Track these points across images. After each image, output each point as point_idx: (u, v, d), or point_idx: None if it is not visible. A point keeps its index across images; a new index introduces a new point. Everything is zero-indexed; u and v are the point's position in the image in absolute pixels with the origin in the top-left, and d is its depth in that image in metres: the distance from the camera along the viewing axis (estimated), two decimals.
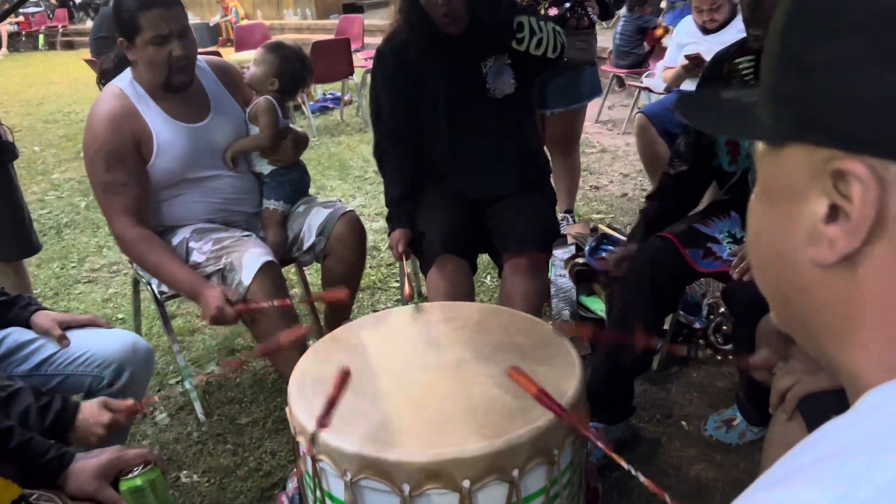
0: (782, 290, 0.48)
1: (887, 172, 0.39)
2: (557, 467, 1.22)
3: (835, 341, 0.44)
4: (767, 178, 0.47)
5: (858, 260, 0.41)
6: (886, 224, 0.39)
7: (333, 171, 4.89)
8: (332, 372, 1.38)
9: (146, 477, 1.20)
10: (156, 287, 2.16)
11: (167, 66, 1.97)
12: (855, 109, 0.39)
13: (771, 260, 0.48)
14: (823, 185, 0.41)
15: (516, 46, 2.00)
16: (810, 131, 0.42)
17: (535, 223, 2.07)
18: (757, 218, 0.49)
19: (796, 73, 0.43)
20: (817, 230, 0.42)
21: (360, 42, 7.86)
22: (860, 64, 0.39)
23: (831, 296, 0.43)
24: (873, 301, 0.41)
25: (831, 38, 0.40)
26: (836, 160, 0.40)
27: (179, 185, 2.10)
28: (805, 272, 0.44)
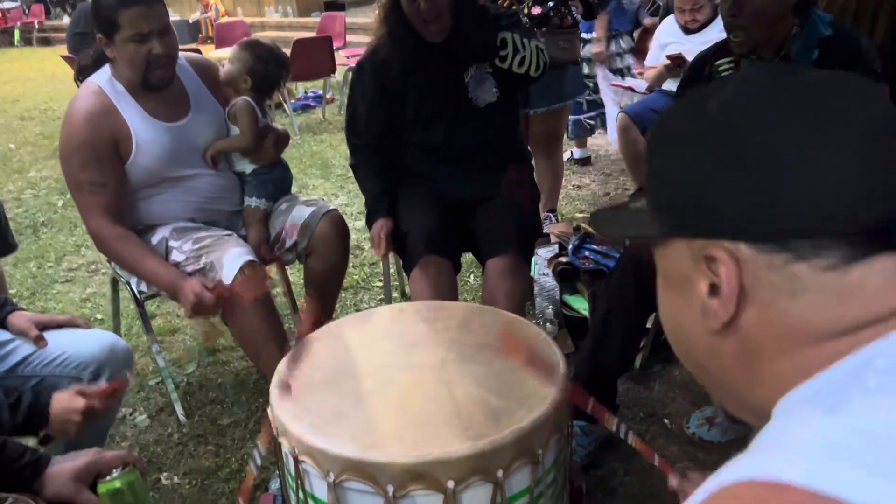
0: (695, 359, 0.59)
1: (739, 252, 0.51)
2: (542, 467, 1.21)
3: (745, 389, 0.55)
4: (664, 269, 0.59)
5: (739, 323, 0.52)
6: (749, 292, 0.51)
7: (315, 170, 4.86)
8: (314, 372, 1.37)
9: (125, 479, 1.18)
10: (135, 286, 2.13)
11: (146, 63, 1.93)
12: (707, 209, 0.52)
13: (680, 335, 0.60)
14: (702, 269, 0.53)
15: (499, 64, 2.01)
16: (683, 230, 0.55)
17: (517, 222, 2.07)
18: (664, 304, 0.61)
19: (664, 186, 0.56)
20: (705, 305, 0.53)
21: (342, 40, 7.82)
22: (703, 176, 0.52)
23: (729, 354, 0.54)
24: (759, 349, 0.52)
25: (682, 158, 0.54)
26: (705, 248, 0.52)
27: (159, 184, 2.07)
28: (707, 342, 0.55)
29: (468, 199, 2.16)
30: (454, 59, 2.04)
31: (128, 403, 2.33)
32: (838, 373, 0.47)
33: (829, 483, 0.38)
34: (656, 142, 0.58)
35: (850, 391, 0.44)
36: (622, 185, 4.15)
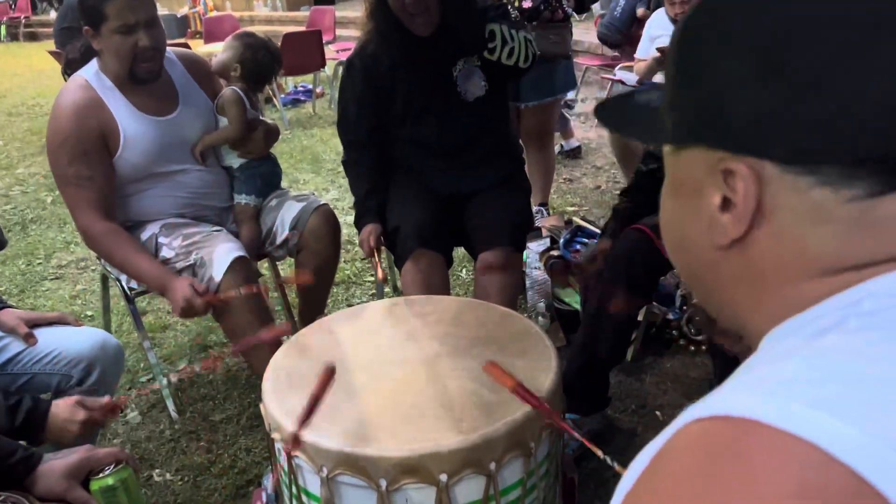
0: (693, 270, 0.57)
1: (764, 170, 0.47)
2: (534, 459, 1.22)
3: (742, 309, 0.53)
4: (673, 175, 0.56)
5: (748, 242, 0.49)
6: (766, 212, 0.48)
7: (306, 165, 4.84)
8: (306, 367, 1.37)
9: (118, 476, 1.17)
10: (125, 283, 2.12)
11: (133, 56, 1.92)
12: (736, 119, 0.48)
13: (680, 244, 0.57)
14: (716, 181, 0.49)
15: (488, 56, 2.00)
16: (703, 136, 0.50)
17: (509, 216, 2.07)
18: (667, 209, 0.58)
19: (689, 85, 0.51)
20: (714, 218, 0.50)
21: (331, 34, 7.79)
22: (741, 81, 0.47)
23: (732, 271, 0.52)
24: (764, 273, 0.50)
25: (717, 57, 0.49)
26: (725, 160, 0.48)
27: (147, 179, 2.05)
28: (709, 254, 0.53)
29: (459, 193, 2.16)
30: (442, 52, 2.03)
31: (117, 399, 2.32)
32: (825, 308, 0.46)
33: (798, 423, 0.36)
34: (690, 32, 0.52)
35: (829, 330, 0.43)
36: (613, 178, 4.16)
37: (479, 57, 2.04)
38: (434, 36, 1.99)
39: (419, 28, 1.97)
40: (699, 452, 0.39)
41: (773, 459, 0.36)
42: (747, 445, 0.37)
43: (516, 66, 2.03)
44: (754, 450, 0.36)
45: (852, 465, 0.34)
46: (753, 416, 0.37)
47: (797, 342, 0.44)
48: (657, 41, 3.34)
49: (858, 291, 0.45)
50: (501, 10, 2.14)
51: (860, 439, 0.35)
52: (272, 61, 2.23)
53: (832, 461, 0.35)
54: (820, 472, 0.35)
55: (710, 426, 0.39)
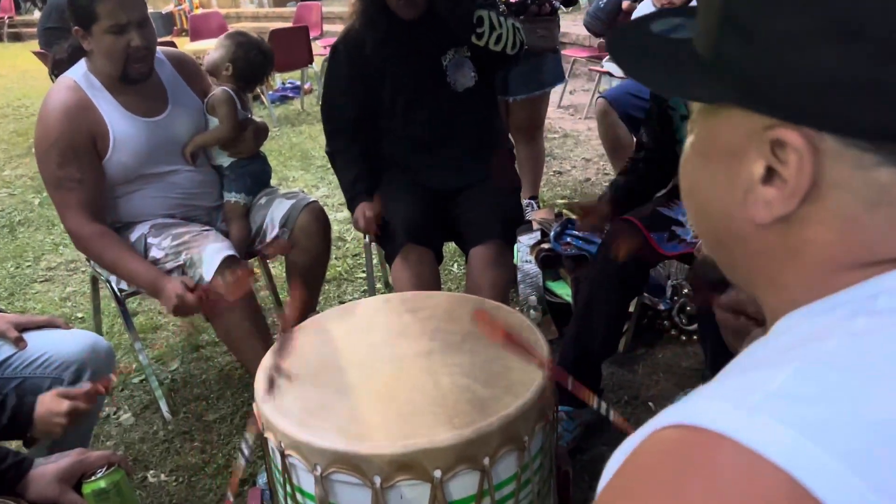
0: (719, 238, 0.50)
1: (823, 143, 0.41)
2: (528, 453, 1.22)
3: (763, 283, 0.48)
4: (704, 134, 0.48)
5: (792, 219, 0.44)
6: (820, 190, 0.42)
7: (295, 162, 4.82)
8: (298, 366, 1.37)
9: (110, 478, 1.17)
10: (115, 284, 2.11)
11: (125, 56, 1.90)
12: (800, 84, 0.41)
13: (708, 211, 0.49)
14: (761, 148, 0.43)
15: (476, 41, 1.99)
16: (751, 99, 0.43)
17: (498, 210, 2.07)
18: (692, 170, 0.50)
19: (740, 39, 0.43)
20: (754, 190, 0.44)
21: (318, 29, 7.75)
22: (812, 40, 0.40)
23: (765, 246, 0.46)
24: (801, 254, 0.44)
25: (785, 11, 0.41)
26: (776, 128, 0.42)
27: (137, 180, 2.04)
28: (741, 225, 0.46)
29: (449, 188, 2.16)
30: (431, 40, 2.02)
31: (111, 402, 2.31)
32: (837, 300, 0.42)
33: (776, 448, 0.33)
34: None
35: (834, 330, 0.39)
36: (602, 170, 4.17)
37: (469, 47, 2.03)
38: (421, 21, 1.98)
39: (403, 10, 1.96)
40: (669, 462, 0.37)
41: (742, 484, 0.33)
42: (718, 464, 0.35)
43: (504, 53, 2.02)
44: (725, 470, 0.34)
45: (822, 497, 0.32)
46: (730, 433, 0.35)
47: (796, 339, 0.41)
48: None
49: (876, 285, 0.41)
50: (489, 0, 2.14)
51: (842, 476, 0.32)
52: (264, 61, 2.21)
53: (808, 497, 0.32)
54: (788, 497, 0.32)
55: (685, 436, 0.37)
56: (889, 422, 0.34)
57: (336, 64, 2.12)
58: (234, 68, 2.15)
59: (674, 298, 2.45)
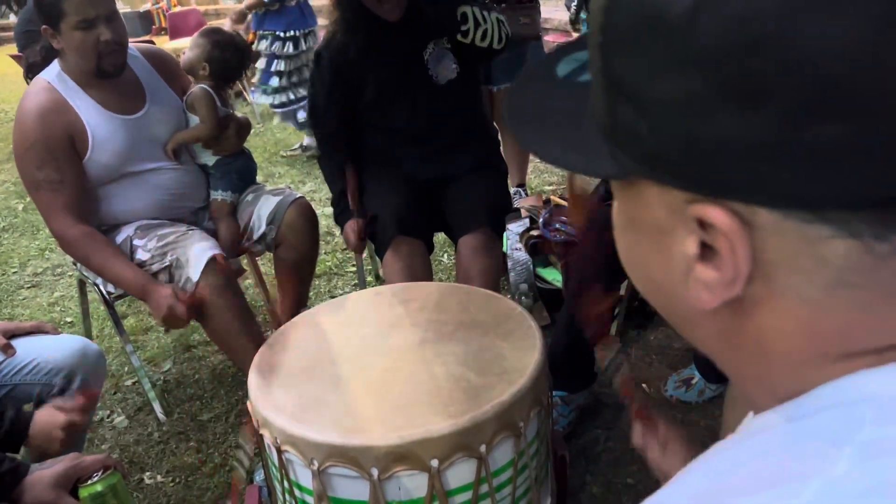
0: (674, 316, 0.43)
1: (756, 217, 0.34)
2: (524, 439, 1.23)
3: (733, 368, 0.42)
4: (627, 208, 0.41)
5: (743, 302, 0.37)
6: (764, 269, 0.35)
7: (280, 158, 4.79)
8: (291, 361, 1.37)
9: (106, 482, 1.16)
10: (103, 287, 2.09)
11: (96, 51, 1.88)
12: (711, 153, 0.33)
13: (652, 290, 0.43)
14: (688, 224, 0.36)
15: (461, 39, 1.98)
16: (657, 172, 0.36)
17: (486, 199, 2.07)
18: (626, 244, 0.43)
19: (631, 106, 0.35)
20: (692, 270, 0.37)
21: None
22: (708, 107, 0.32)
23: (721, 333, 0.40)
24: (762, 343, 0.38)
25: (664, 72, 0.33)
26: (695, 204, 0.35)
27: (119, 180, 2.02)
28: (690, 309, 0.39)
29: (436, 178, 2.15)
30: (411, 36, 2.01)
31: (105, 405, 2.30)
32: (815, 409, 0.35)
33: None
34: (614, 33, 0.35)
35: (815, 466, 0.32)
36: None
37: (450, 39, 2.02)
38: (403, 20, 1.97)
39: (388, 13, 1.94)
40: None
41: None
42: None
43: (490, 48, 2.02)
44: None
45: None
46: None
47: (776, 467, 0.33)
48: None
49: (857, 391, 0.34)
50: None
51: None
52: (241, 58, 2.20)
53: None
54: None
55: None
56: None
57: (320, 71, 2.11)
58: (211, 67, 2.13)
59: None
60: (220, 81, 2.17)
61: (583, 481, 1.75)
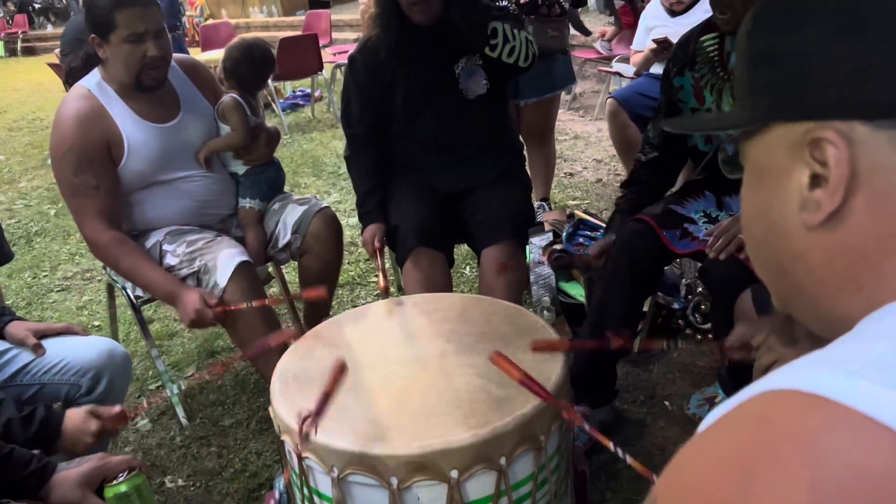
0: (779, 263, 0.53)
1: (853, 132, 0.44)
2: (545, 453, 1.22)
3: (832, 296, 0.49)
4: (755, 162, 0.53)
5: (843, 215, 0.46)
6: (861, 177, 0.45)
7: (307, 169, 4.85)
8: (313, 369, 1.38)
9: (131, 483, 1.18)
10: (131, 292, 2.12)
11: (141, 65, 1.93)
12: (817, 85, 0.46)
13: (765, 236, 0.53)
14: (804, 158, 0.47)
15: (489, 53, 2.00)
16: (784, 111, 0.49)
17: (509, 211, 2.07)
18: (749, 201, 0.54)
19: (766, 66, 0.50)
20: (804, 196, 0.47)
21: (328, 37, 7.80)
22: (817, 46, 0.46)
23: (824, 253, 0.48)
24: (862, 247, 0.46)
25: (792, 29, 0.48)
26: (810, 131, 0.46)
27: (151, 187, 2.06)
28: (798, 238, 0.49)
29: (459, 189, 2.16)
30: (444, 48, 2.03)
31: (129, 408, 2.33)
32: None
33: (875, 405, 0.33)
34: (755, 18, 0.52)
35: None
36: (614, 171, 4.16)
37: (482, 56, 2.04)
38: (435, 28, 1.99)
39: (416, 16, 1.97)
40: (763, 423, 0.36)
41: (843, 440, 0.33)
42: (813, 423, 0.34)
43: (516, 65, 2.03)
44: (820, 428, 0.34)
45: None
46: (825, 392, 0.35)
47: (888, 328, 0.41)
48: (653, 32, 3.34)
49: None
50: (504, 11, 2.15)
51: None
52: (258, 67, 2.22)
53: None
54: (888, 455, 0.32)
55: (780, 398, 0.37)
56: None
57: (353, 73, 2.14)
58: (230, 71, 2.17)
59: (688, 297, 2.44)
60: (244, 86, 2.20)
61: (602, 498, 1.73)
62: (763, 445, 0.35)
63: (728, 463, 0.36)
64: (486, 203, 2.11)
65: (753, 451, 0.35)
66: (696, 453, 0.39)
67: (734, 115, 0.54)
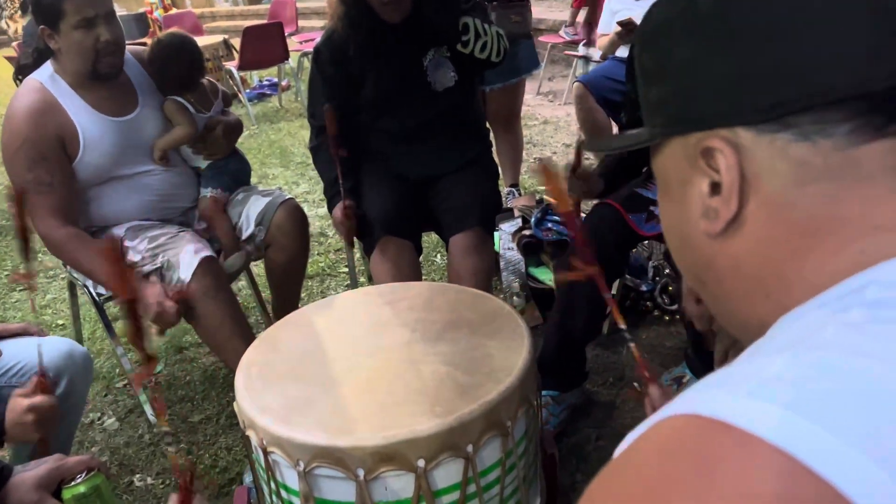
0: (695, 273, 0.55)
1: (738, 138, 0.46)
2: (512, 438, 1.22)
3: (744, 302, 0.50)
4: (662, 175, 0.55)
5: (741, 222, 0.48)
6: (751, 182, 0.46)
7: (275, 159, 4.78)
8: (278, 362, 1.36)
9: (90, 483, 1.15)
10: (93, 289, 2.08)
11: (94, 52, 1.88)
12: (701, 96, 0.48)
13: (680, 246, 0.55)
14: (700, 167, 0.49)
15: (461, 49, 1.98)
16: (677, 124, 0.51)
17: (476, 198, 2.07)
18: (664, 213, 0.57)
19: (656, 83, 0.52)
20: (706, 205, 0.49)
21: (294, 25, 7.68)
22: (697, 58, 0.48)
23: (730, 261, 0.49)
24: (763, 253, 0.47)
25: (674, 45, 0.50)
26: (701, 141, 0.48)
27: (110, 181, 2.01)
28: (705, 247, 0.51)
29: (426, 177, 2.15)
30: (413, 42, 2.01)
31: (95, 408, 2.29)
32: (827, 297, 0.42)
33: (771, 428, 0.33)
34: (641, 39, 0.54)
35: (828, 322, 0.39)
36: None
37: (450, 48, 2.03)
38: (405, 24, 1.97)
39: (389, 15, 1.94)
40: (664, 451, 0.36)
41: (737, 466, 0.32)
42: (712, 449, 0.34)
43: (488, 60, 2.02)
44: (719, 454, 0.33)
45: (830, 478, 0.31)
46: (723, 417, 0.34)
47: (794, 335, 0.41)
48: (618, 15, 3.34)
49: (862, 278, 0.41)
50: (473, 4, 2.12)
51: (843, 451, 0.31)
52: (191, 66, 2.10)
53: (806, 472, 0.31)
54: (790, 483, 0.31)
55: (681, 424, 0.36)
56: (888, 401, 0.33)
57: (319, 66, 2.11)
58: (160, 77, 2.08)
59: (655, 279, 2.45)
60: (174, 94, 2.09)
61: (573, 480, 1.74)
62: (666, 478, 0.35)
63: (636, 498, 0.35)
64: (453, 191, 2.10)
65: (658, 485, 0.35)
66: (605, 488, 0.38)
67: (635, 133, 0.56)
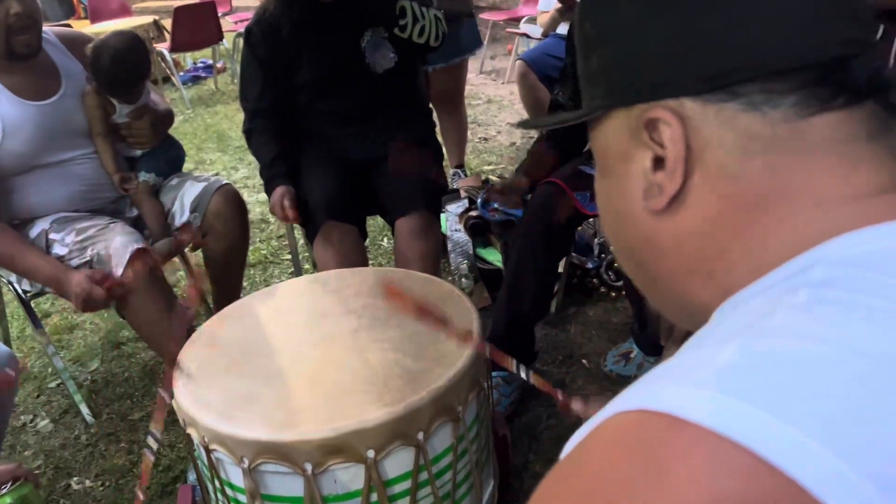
0: (633, 252, 0.51)
1: (683, 109, 0.43)
2: (463, 423, 1.20)
3: (686, 283, 0.47)
4: (602, 151, 0.51)
5: (684, 196, 0.45)
6: (695, 155, 0.44)
7: (212, 144, 4.63)
8: (217, 357, 1.30)
9: (17, 493, 1.09)
10: (17, 284, 1.97)
11: (6, 28, 1.75)
12: (644, 65, 0.45)
13: (617, 225, 0.52)
14: (643, 140, 0.46)
15: (399, 33, 1.94)
16: (619, 95, 0.47)
17: (422, 181, 2.03)
18: (601, 191, 0.53)
19: (596, 52, 0.49)
20: (648, 181, 0.46)
21: (228, 5, 7.44)
22: (639, 26, 0.45)
23: (672, 239, 0.47)
24: (707, 231, 0.45)
25: (615, 11, 0.47)
26: (644, 112, 0.45)
27: (33, 171, 1.90)
28: (646, 224, 0.48)
29: (369, 158, 2.10)
30: (350, 22, 1.95)
31: (27, 410, 2.18)
32: (772, 279, 0.40)
33: (725, 420, 0.31)
34: (583, 7, 0.51)
35: (776, 306, 0.37)
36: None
37: (387, 28, 1.97)
38: (340, 4, 1.90)
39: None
40: (614, 452, 0.34)
41: (689, 462, 0.31)
42: (663, 445, 0.32)
43: (427, 44, 1.98)
44: (670, 450, 0.31)
45: (790, 472, 0.29)
46: (674, 410, 0.32)
47: (741, 320, 0.39)
48: None
49: (808, 257, 0.40)
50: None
51: (801, 441, 0.30)
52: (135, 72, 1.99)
53: (764, 465, 0.30)
54: (746, 478, 0.30)
55: (630, 420, 0.34)
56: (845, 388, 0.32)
57: (251, 47, 2.03)
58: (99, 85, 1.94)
59: (601, 256, 2.47)
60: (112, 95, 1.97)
61: (526, 460, 1.74)
62: (615, 480, 0.32)
63: (586, 499, 0.33)
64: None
65: (608, 486, 0.33)
66: (554, 490, 0.36)
67: (573, 113, 0.52)
